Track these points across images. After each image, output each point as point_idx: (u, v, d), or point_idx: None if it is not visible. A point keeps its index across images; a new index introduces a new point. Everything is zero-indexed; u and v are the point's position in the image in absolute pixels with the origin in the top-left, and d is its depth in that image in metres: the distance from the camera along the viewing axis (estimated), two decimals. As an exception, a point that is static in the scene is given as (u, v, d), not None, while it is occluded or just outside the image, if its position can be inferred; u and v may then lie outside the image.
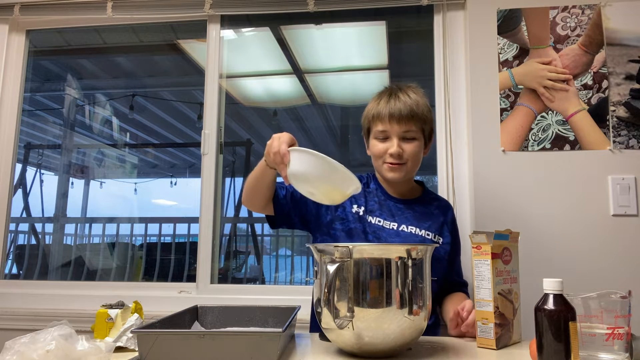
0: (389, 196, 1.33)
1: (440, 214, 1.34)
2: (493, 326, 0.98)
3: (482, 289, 1.00)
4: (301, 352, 1.00)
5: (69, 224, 2.47)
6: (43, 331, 0.85)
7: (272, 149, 1.05)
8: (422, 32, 1.90)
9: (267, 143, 1.08)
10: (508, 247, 1.04)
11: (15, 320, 1.79)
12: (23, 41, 2.07)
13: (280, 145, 1.03)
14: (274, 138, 1.07)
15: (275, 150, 1.03)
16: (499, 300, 1.00)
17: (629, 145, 1.58)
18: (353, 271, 0.90)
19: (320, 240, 1.31)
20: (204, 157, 1.90)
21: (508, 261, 1.03)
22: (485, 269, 0.99)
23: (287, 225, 1.34)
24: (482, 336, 1.00)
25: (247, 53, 2.13)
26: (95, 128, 2.49)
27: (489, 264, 0.98)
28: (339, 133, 2.56)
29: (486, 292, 0.99)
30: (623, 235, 1.55)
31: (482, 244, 1.00)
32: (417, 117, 1.24)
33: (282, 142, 1.03)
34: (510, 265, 1.04)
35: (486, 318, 0.99)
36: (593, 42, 1.65)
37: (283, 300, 1.71)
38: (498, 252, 1.00)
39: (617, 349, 0.85)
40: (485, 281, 0.99)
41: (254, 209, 1.31)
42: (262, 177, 1.20)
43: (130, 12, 1.93)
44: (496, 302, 0.99)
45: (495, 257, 0.99)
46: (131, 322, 1.08)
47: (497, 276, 1.00)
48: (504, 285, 1.01)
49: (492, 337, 0.98)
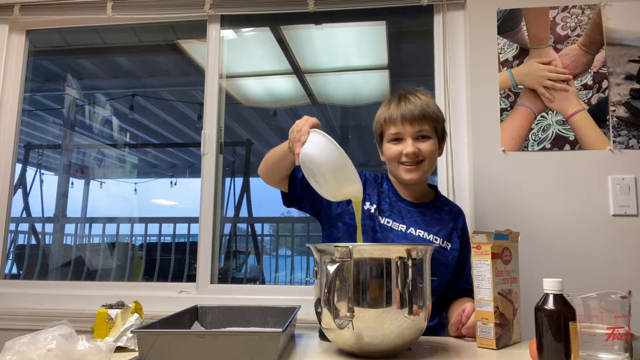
0: (400, 198, 1.33)
1: (450, 220, 1.33)
2: (493, 326, 0.98)
3: (482, 289, 1.00)
4: (301, 352, 1.00)
5: (69, 224, 2.47)
6: (43, 331, 0.85)
7: (295, 126, 1.09)
8: (422, 32, 1.90)
9: (296, 122, 1.12)
10: (508, 247, 1.04)
11: (15, 320, 1.79)
12: (23, 41, 2.07)
13: (304, 124, 1.07)
14: (302, 118, 1.11)
15: (298, 127, 1.08)
16: (499, 300, 1.00)
17: (629, 145, 1.58)
18: (353, 271, 0.90)
19: (327, 231, 1.32)
20: (204, 157, 1.90)
21: (508, 261, 1.03)
22: (485, 269, 0.99)
23: (298, 206, 1.36)
24: (482, 336, 1.00)
25: (247, 53, 2.13)
26: (95, 128, 2.49)
27: (489, 264, 0.98)
28: (339, 133, 2.55)
29: (486, 292, 0.99)
30: (623, 235, 1.55)
31: (482, 244, 1.00)
32: (429, 116, 1.25)
33: (307, 123, 1.07)
34: (510, 265, 1.04)
35: (486, 318, 0.99)
36: (593, 42, 1.65)
37: (283, 300, 1.71)
38: (498, 252, 1.00)
39: (617, 349, 0.85)
40: (485, 281, 0.99)
41: (268, 182, 1.33)
42: (282, 156, 1.23)
43: (130, 12, 1.93)
44: (496, 302, 0.99)
45: (495, 257, 0.99)
46: (131, 322, 1.08)
47: (497, 276, 1.00)
48: (504, 285, 1.01)
49: (492, 337, 0.98)
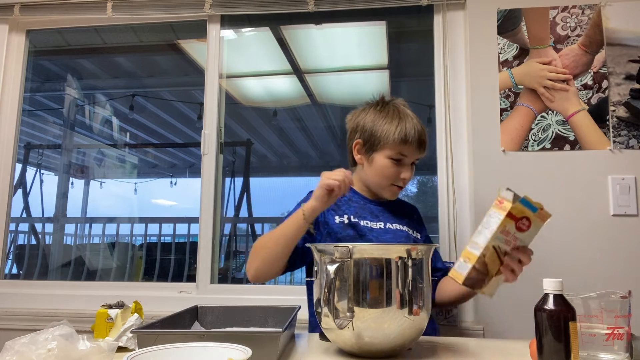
0: (368, 200, 1.38)
1: (412, 212, 1.46)
2: (470, 267, 0.96)
3: (481, 234, 0.98)
4: (301, 352, 1.01)
5: (69, 224, 2.47)
6: (43, 331, 0.85)
7: (336, 176, 1.10)
8: (422, 32, 1.90)
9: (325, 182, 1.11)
10: (530, 218, 0.99)
11: (15, 320, 1.79)
12: (23, 41, 2.07)
13: (343, 177, 1.10)
14: (340, 171, 1.12)
15: (340, 177, 1.09)
16: (490, 252, 0.97)
17: (629, 145, 1.58)
18: (353, 271, 0.90)
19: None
20: (204, 157, 1.90)
21: (522, 229, 0.99)
22: (494, 221, 0.96)
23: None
24: (457, 269, 0.99)
25: (247, 53, 2.13)
26: (95, 128, 2.49)
27: (500, 220, 0.95)
28: (339, 133, 2.55)
29: (483, 238, 0.97)
30: (623, 235, 1.55)
31: (505, 200, 0.97)
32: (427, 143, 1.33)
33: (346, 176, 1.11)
34: (522, 234, 1.00)
35: (469, 258, 0.97)
36: (593, 42, 1.65)
37: (283, 300, 1.71)
38: (517, 215, 0.96)
39: (617, 349, 0.85)
40: (487, 230, 0.97)
41: (267, 277, 1.25)
42: (296, 235, 1.16)
43: (130, 12, 1.93)
44: (486, 251, 0.97)
45: (510, 217, 0.96)
46: (131, 322, 1.08)
47: (502, 233, 0.97)
48: (504, 245, 0.98)
49: (463, 274, 0.97)
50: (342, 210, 1.33)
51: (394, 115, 1.31)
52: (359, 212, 1.34)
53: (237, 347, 0.78)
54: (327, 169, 1.15)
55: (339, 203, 1.34)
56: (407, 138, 1.26)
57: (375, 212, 1.35)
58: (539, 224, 1.00)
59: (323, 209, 1.13)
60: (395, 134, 1.27)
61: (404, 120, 1.29)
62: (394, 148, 1.28)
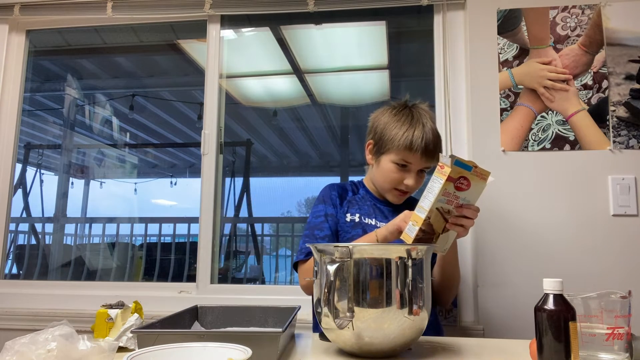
0: (378, 200, 1.40)
1: None
2: (417, 229, 1.07)
3: (425, 199, 1.07)
4: (301, 352, 1.01)
5: (69, 224, 2.47)
6: (43, 331, 0.85)
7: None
8: (422, 32, 1.90)
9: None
10: (468, 177, 1.05)
11: (15, 320, 1.79)
12: (23, 41, 2.07)
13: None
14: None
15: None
16: (434, 214, 1.07)
17: (629, 145, 1.58)
18: (353, 271, 0.90)
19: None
20: (204, 157, 1.90)
21: (461, 189, 1.05)
22: (436, 186, 1.05)
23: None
24: (406, 232, 1.11)
25: (247, 53, 2.13)
26: (95, 128, 2.49)
27: (442, 183, 1.03)
28: (339, 133, 2.55)
29: (427, 202, 1.06)
30: (623, 235, 1.55)
31: (445, 165, 1.04)
32: (437, 152, 1.29)
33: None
34: (463, 193, 1.06)
35: (416, 221, 1.08)
36: (593, 42, 1.65)
37: (283, 300, 1.71)
38: (454, 177, 1.03)
39: (617, 349, 0.85)
40: (431, 194, 1.06)
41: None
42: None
43: (130, 12, 1.93)
44: (430, 214, 1.06)
45: (449, 180, 1.03)
46: (131, 322, 1.08)
47: (443, 195, 1.05)
48: (446, 205, 1.07)
49: (412, 236, 1.08)
50: (355, 209, 1.36)
51: (406, 120, 1.29)
52: (370, 211, 1.36)
53: (237, 347, 0.78)
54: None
55: (353, 201, 1.38)
56: (412, 145, 1.25)
57: (385, 213, 1.37)
58: (480, 183, 1.06)
59: (392, 240, 1.20)
60: (401, 140, 1.26)
61: (413, 126, 1.27)
62: (399, 153, 1.27)
